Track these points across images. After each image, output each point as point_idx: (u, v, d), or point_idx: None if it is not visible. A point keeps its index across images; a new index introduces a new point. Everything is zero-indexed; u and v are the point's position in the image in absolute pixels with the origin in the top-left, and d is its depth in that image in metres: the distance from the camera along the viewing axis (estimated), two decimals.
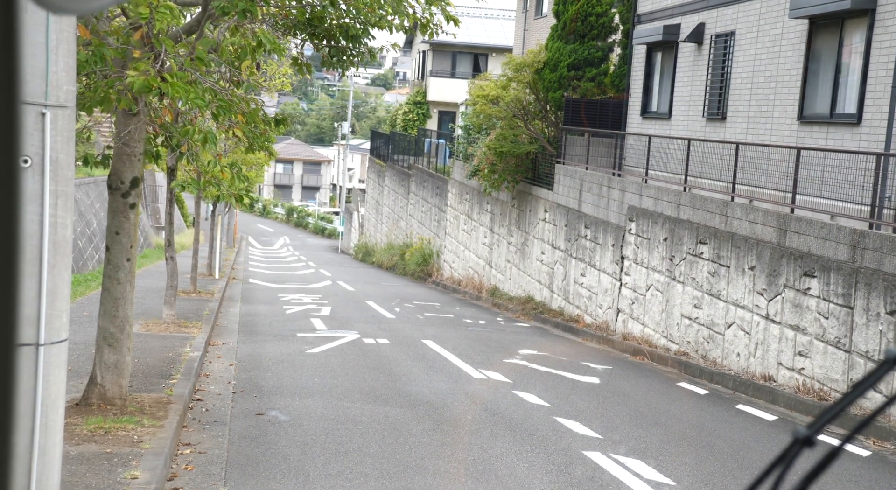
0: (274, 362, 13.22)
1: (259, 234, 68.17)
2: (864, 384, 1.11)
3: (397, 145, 44.70)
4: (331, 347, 15.03)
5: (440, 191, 34.10)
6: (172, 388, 9.89)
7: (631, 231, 17.21)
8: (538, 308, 21.71)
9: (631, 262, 17.15)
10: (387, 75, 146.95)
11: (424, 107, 46.68)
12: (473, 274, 28.45)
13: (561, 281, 20.99)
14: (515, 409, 10.41)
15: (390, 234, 43.08)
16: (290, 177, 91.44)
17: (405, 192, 40.72)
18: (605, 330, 17.99)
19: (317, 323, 18.49)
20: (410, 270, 34.05)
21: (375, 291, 27.49)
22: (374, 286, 29.70)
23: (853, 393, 1.10)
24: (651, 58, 19.48)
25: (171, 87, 6.47)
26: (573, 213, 20.41)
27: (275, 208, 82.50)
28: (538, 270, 22.63)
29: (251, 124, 9.32)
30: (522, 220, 24.09)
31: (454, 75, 46.58)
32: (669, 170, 17.17)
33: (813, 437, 1.09)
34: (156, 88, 6.43)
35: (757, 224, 13.00)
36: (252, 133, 9.96)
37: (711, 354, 14.01)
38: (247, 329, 17.24)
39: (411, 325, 18.88)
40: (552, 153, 22.94)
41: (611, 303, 18.08)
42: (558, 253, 21.25)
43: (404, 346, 15.57)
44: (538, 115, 23.98)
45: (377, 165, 49.32)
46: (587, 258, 19.43)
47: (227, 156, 29.35)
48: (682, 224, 15.14)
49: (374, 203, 49.82)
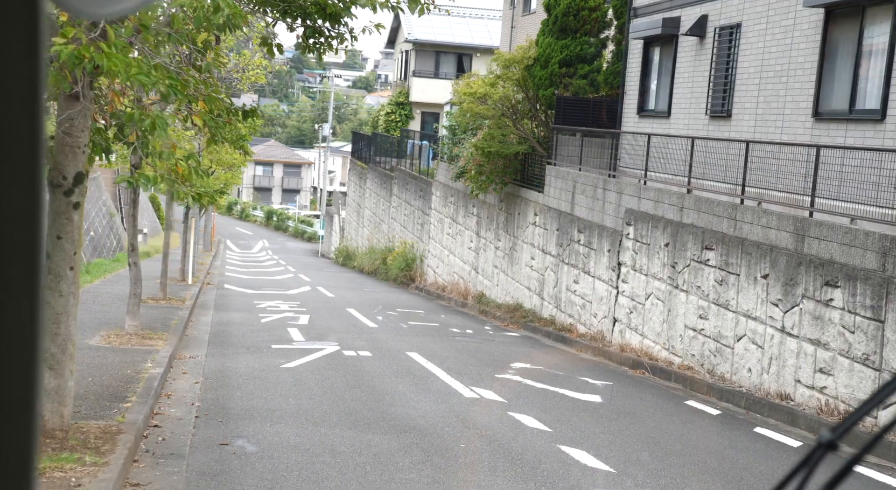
0: (245, 379, 12.07)
1: (237, 237, 66.85)
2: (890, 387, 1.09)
3: (379, 147, 43.58)
4: (308, 361, 13.89)
5: (424, 193, 33.00)
6: (125, 414, 8.73)
7: (629, 235, 16.17)
8: (528, 316, 20.63)
9: (629, 269, 16.10)
10: (368, 78, 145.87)
11: (407, 108, 45.58)
12: (459, 280, 27.36)
13: (552, 288, 19.92)
14: (514, 436, 9.31)
15: (372, 237, 41.95)
16: (270, 179, 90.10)
17: (387, 194, 39.61)
18: (600, 340, 16.92)
19: (294, 333, 17.34)
20: (393, 275, 32.93)
21: (356, 298, 26.34)
22: (354, 292, 28.55)
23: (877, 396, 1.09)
24: (648, 53, 18.46)
25: (107, 59, 5.34)
26: (565, 217, 19.36)
27: (254, 211, 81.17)
28: (528, 277, 21.56)
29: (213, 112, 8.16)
30: (511, 224, 23.02)
31: (438, 76, 45.51)
32: (669, 171, 16.14)
33: (837, 441, 1.08)
34: (88, 60, 5.30)
35: (770, 228, 11.96)
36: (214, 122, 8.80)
37: (719, 369, 12.97)
38: (218, 340, 16.08)
39: (395, 334, 17.77)
40: (542, 154, 21.88)
41: (606, 312, 17.02)
42: (549, 258, 20.19)
43: (388, 359, 14.45)
44: (527, 115, 22.93)
45: (359, 167, 48.16)
46: (580, 264, 18.38)
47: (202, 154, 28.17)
48: (686, 228, 14.11)
49: (355, 206, 48.66)
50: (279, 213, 76.99)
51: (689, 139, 14.60)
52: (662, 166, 16.55)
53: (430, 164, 36.00)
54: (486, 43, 44.96)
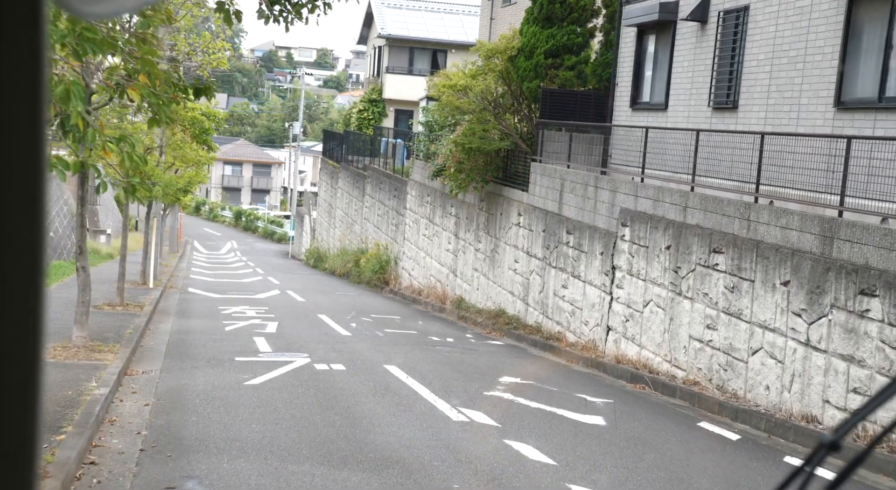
0: (202, 400, 10.66)
1: (205, 237, 65.12)
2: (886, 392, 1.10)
3: (351, 145, 42.16)
4: (275, 377, 12.50)
5: (398, 193, 31.64)
6: (56, 450, 7.32)
7: (624, 237, 14.91)
8: (511, 323, 19.33)
9: (624, 274, 14.83)
10: (339, 77, 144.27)
11: (380, 105, 44.17)
12: (436, 283, 26.03)
13: (538, 293, 18.63)
14: (515, 473, 7.98)
15: (344, 238, 40.52)
16: (240, 179, 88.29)
17: (360, 194, 38.20)
18: (592, 350, 15.65)
19: (260, 343, 15.93)
20: (366, 278, 31.53)
21: (328, 302, 24.94)
22: (326, 296, 27.13)
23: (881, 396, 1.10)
24: (643, 41, 17.21)
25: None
26: (552, 217, 18.08)
27: (223, 211, 79.37)
28: (511, 281, 20.26)
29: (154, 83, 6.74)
30: (492, 225, 21.72)
31: (412, 72, 44.14)
32: (668, 167, 14.91)
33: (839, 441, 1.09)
34: None
35: (791, 230, 10.72)
36: (156, 98, 7.36)
37: (731, 385, 11.72)
38: (176, 352, 14.64)
39: (370, 344, 16.40)
40: (526, 150, 20.60)
41: (599, 319, 15.75)
42: (535, 261, 18.90)
43: (364, 373, 13.08)
44: (510, 109, 21.64)
45: (330, 166, 46.71)
46: (570, 268, 17.10)
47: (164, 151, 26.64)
48: (691, 230, 12.85)
49: (326, 206, 47.19)
50: (248, 213, 75.28)
51: (693, 132, 13.33)
52: (660, 162, 15.32)
53: (405, 162, 34.71)
54: (462, 39, 43.65)
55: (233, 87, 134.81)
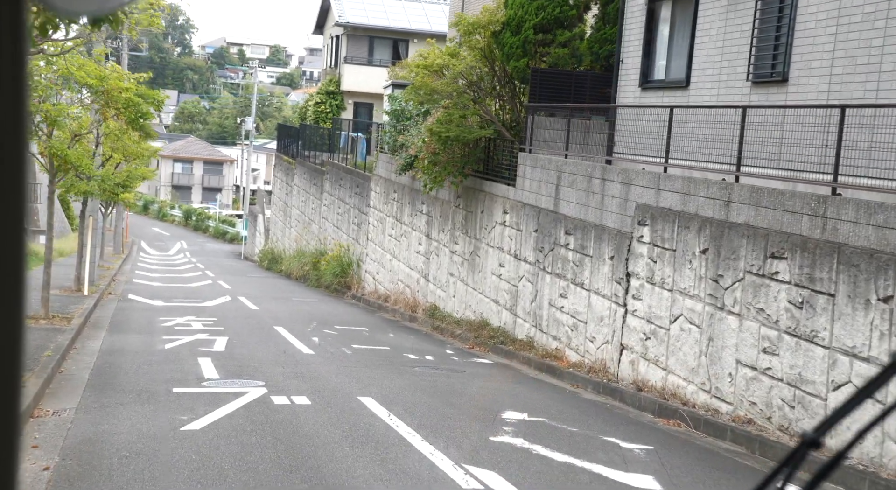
0: (122, 459, 7.91)
1: (154, 238, 61.76)
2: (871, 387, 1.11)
3: (308, 140, 39.31)
4: (223, 417, 9.77)
5: (361, 190, 28.91)
6: None
7: (642, 238, 12.38)
8: (497, 336, 16.74)
9: (643, 282, 12.30)
10: (293, 74, 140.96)
11: (338, 97, 41.35)
12: (405, 288, 23.36)
13: (529, 302, 16.05)
14: None
15: (300, 239, 37.67)
16: (190, 177, 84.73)
17: (318, 191, 35.39)
18: (602, 373, 13.10)
19: (206, 366, 13.16)
20: (326, 282, 28.76)
21: (285, 311, 22.16)
22: (283, 303, 24.33)
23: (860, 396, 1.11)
24: (655, 10, 14.66)
25: None
26: (547, 215, 15.52)
27: (172, 210, 75.86)
28: (495, 288, 17.66)
29: None
30: (471, 224, 19.10)
31: (371, 63, 41.38)
32: (695, 155, 12.41)
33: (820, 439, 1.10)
34: None
35: (892, 229, 8.24)
36: None
37: (801, 427, 9.22)
38: (100, 381, 11.84)
39: (338, 366, 13.70)
40: (511, 139, 18.03)
41: (609, 336, 13.20)
42: (525, 266, 16.32)
43: (335, 409, 10.39)
44: (491, 93, 19.04)
45: (285, 163, 43.79)
46: (570, 274, 14.54)
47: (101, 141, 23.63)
48: (737, 230, 10.34)
49: (281, 204, 44.27)
50: (199, 212, 71.91)
51: (738, 109, 10.78)
52: (677, 149, 12.83)
53: (365, 158, 32.05)
54: (424, 28, 41.00)
55: (183, 84, 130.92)
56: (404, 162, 22.74)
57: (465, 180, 18.91)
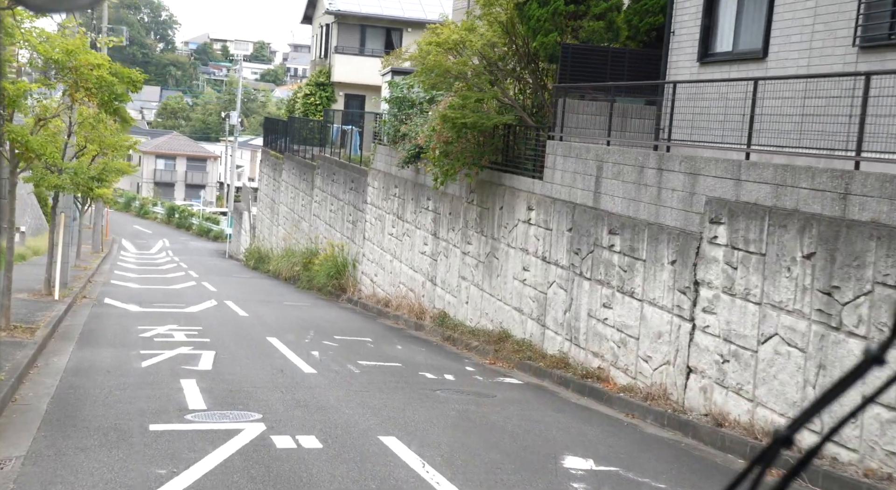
0: None
1: (135, 235, 59.18)
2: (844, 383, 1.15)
3: (297, 133, 36.96)
4: (212, 469, 7.50)
5: (356, 185, 26.61)
6: None
7: (716, 240, 10.18)
8: (522, 350, 14.51)
9: (717, 292, 10.09)
10: (277, 71, 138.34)
11: (329, 89, 39.00)
12: (408, 292, 21.09)
13: (562, 312, 13.82)
14: None
15: (289, 237, 35.32)
16: (173, 174, 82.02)
17: (308, 187, 33.06)
18: (661, 400, 10.88)
19: (190, 391, 10.87)
20: (319, 284, 26.45)
21: (277, 317, 19.85)
22: (273, 308, 22.02)
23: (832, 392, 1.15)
24: None
25: None
26: (584, 212, 13.30)
27: (154, 207, 73.21)
28: (517, 294, 15.43)
29: None
30: (488, 222, 16.86)
31: (363, 53, 39.05)
32: (775, 139, 10.22)
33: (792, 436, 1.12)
34: None
35: None
36: None
37: None
38: (60, 413, 9.54)
39: (347, 390, 11.44)
40: (535, 126, 15.81)
41: (670, 355, 10.98)
42: (556, 270, 14.09)
43: (353, 456, 8.13)
44: (510, 74, 16.80)
45: (272, 158, 41.41)
46: (616, 281, 12.32)
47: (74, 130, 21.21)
48: (860, 229, 8.15)
49: (268, 201, 41.88)
50: (182, 209, 69.30)
51: (860, 76, 8.57)
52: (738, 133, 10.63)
53: (359, 152, 29.81)
54: (419, 16, 38.71)
55: (166, 80, 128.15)
56: (408, 154, 20.50)
57: (481, 173, 16.66)
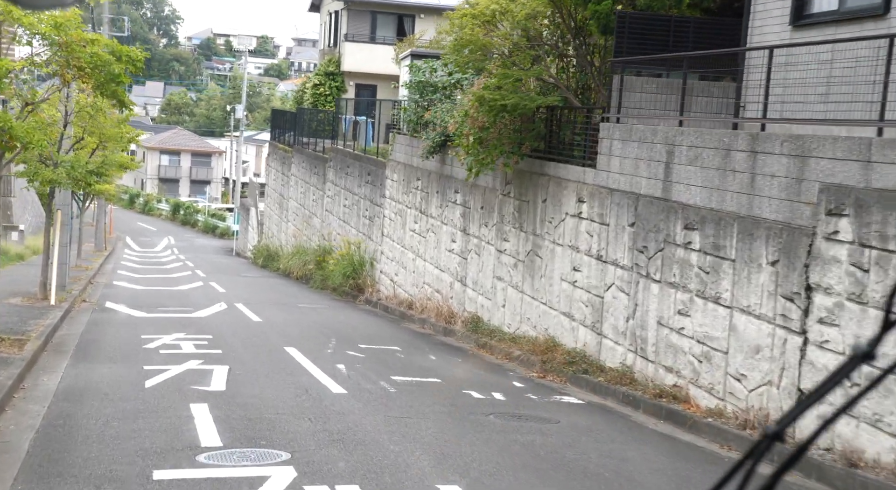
0: None
1: (139, 233, 57.42)
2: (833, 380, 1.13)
3: (307, 125, 35.10)
4: None
5: (373, 178, 24.77)
6: None
7: (836, 236, 8.33)
8: (575, 362, 12.67)
9: (840, 300, 8.23)
10: (281, 66, 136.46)
11: (339, 79, 37.12)
12: (433, 294, 19.26)
13: (623, 319, 11.98)
14: None
15: (299, 234, 33.51)
16: (177, 169, 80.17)
17: (319, 181, 31.22)
18: (763, 428, 9.03)
19: (202, 420, 9.06)
20: (334, 284, 24.62)
21: (293, 322, 18.04)
22: (288, 311, 20.20)
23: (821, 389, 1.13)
24: None
25: None
26: (651, 204, 11.45)
27: (159, 204, 71.38)
28: (567, 297, 13.58)
29: None
30: (528, 216, 15.02)
31: (374, 40, 37.16)
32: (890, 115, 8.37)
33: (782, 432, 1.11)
34: None
35: None
36: None
37: None
38: (44, 455, 7.72)
39: (385, 416, 9.61)
40: (583, 107, 13.98)
41: (773, 374, 9.12)
42: (615, 271, 12.25)
43: None
44: (553, 51, 14.95)
45: (280, 152, 39.56)
46: (695, 284, 10.47)
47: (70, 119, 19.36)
48: None
49: (276, 197, 40.05)
50: (187, 206, 67.48)
51: None
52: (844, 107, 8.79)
53: (372, 143, 28.03)
54: (432, 1, 36.81)
55: (170, 76, 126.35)
56: (433, 143, 18.68)
57: (521, 162, 14.81)
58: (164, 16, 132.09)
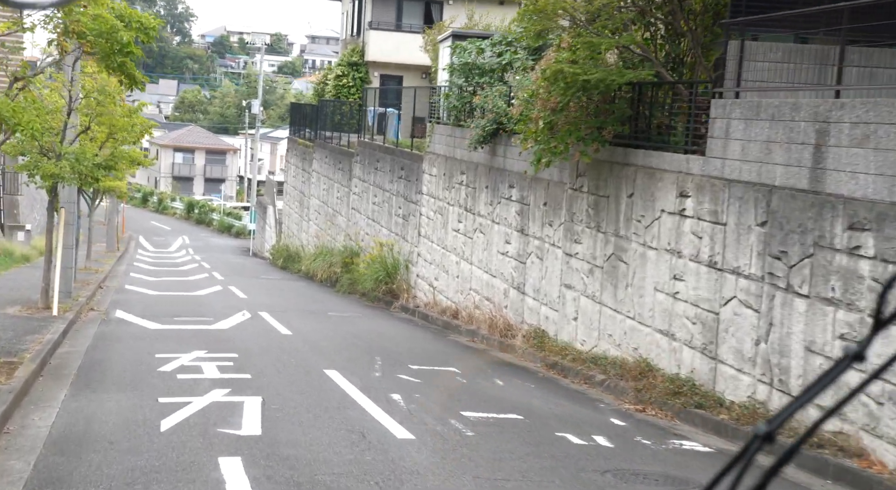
0: None
1: (153, 232, 55.18)
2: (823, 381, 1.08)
3: (329, 118, 32.72)
4: None
5: (407, 173, 22.35)
6: None
7: None
8: (682, 392, 10.21)
9: None
10: (295, 63, 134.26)
11: (363, 69, 34.72)
12: (483, 302, 16.84)
13: (751, 342, 9.52)
14: None
15: (322, 234, 31.13)
16: (191, 167, 77.89)
17: (344, 177, 28.82)
18: None
19: (235, 483, 6.66)
20: (365, 288, 22.22)
21: (327, 336, 15.66)
22: (319, 321, 17.81)
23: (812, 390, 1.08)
24: None
25: None
26: (791, 198, 8.99)
27: (173, 202, 69.11)
28: (665, 312, 11.12)
29: None
30: (608, 214, 12.57)
31: (400, 28, 34.74)
32: None
33: (773, 433, 1.07)
34: None
35: None
36: None
37: None
38: None
39: (475, 477, 7.18)
40: (681, 82, 11.53)
41: None
42: (737, 281, 9.78)
43: None
44: (639, 18, 12.49)
45: (300, 147, 37.18)
46: (865, 301, 8.01)
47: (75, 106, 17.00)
48: None
49: (296, 194, 37.68)
50: (202, 204, 65.19)
51: None
52: None
53: (397, 136, 25.70)
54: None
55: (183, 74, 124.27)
56: (483, 131, 16.27)
57: (602, 149, 12.35)
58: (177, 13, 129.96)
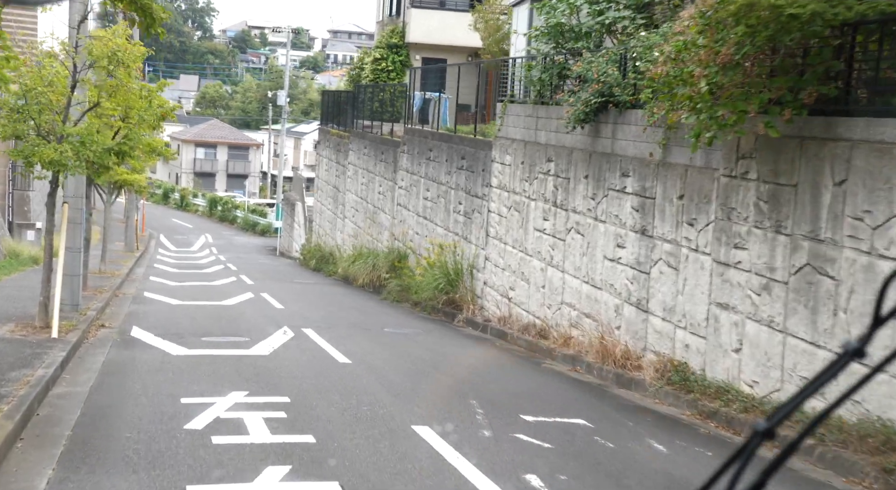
0: None
1: (174, 230, 52.00)
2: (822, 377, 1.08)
3: (367, 105, 29.30)
4: None
5: (470, 163, 18.89)
6: None
7: None
8: None
9: None
10: (316, 58, 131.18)
11: (403, 52, 31.26)
12: (581, 319, 13.35)
13: None
14: None
15: (362, 233, 27.73)
16: (213, 163, 74.67)
17: (388, 170, 25.38)
18: None
19: None
20: (421, 298, 18.78)
21: (395, 364, 12.24)
22: (376, 341, 14.38)
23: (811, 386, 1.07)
24: None
25: None
26: None
27: (195, 199, 65.89)
28: None
29: None
30: (794, 210, 9.04)
31: (444, 6, 31.26)
32: None
33: (773, 429, 1.06)
34: None
35: None
36: None
37: None
38: None
39: None
40: None
41: None
42: None
43: None
44: None
45: (334, 137, 33.78)
46: None
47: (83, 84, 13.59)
48: None
49: (329, 190, 34.28)
50: (225, 201, 61.96)
51: None
52: None
53: (447, 122, 22.40)
54: None
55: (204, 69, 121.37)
56: (587, 106, 12.81)
57: (798, 117, 8.81)
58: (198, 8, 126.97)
